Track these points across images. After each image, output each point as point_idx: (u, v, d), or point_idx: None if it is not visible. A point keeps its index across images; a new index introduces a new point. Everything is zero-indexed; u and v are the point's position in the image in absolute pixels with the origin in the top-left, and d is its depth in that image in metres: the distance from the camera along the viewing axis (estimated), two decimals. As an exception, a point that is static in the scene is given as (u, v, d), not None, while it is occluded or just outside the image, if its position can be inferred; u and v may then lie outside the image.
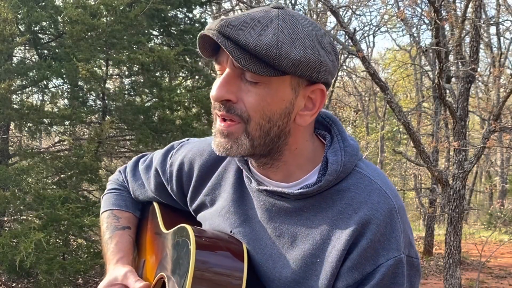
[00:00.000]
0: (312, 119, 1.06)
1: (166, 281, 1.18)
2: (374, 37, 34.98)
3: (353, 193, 1.06)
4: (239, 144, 1.04)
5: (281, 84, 1.01)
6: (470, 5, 6.35)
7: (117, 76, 7.61)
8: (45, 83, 6.71)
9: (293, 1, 12.92)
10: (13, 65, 6.49)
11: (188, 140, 1.36)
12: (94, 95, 6.72)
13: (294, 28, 0.99)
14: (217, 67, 1.05)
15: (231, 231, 1.17)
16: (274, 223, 1.11)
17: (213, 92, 1.03)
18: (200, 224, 1.26)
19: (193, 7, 7.72)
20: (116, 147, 7.02)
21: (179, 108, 6.86)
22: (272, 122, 1.03)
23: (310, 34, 1.01)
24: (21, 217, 6.10)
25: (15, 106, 6.23)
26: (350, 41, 6.48)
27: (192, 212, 1.30)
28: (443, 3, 6.31)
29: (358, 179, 1.08)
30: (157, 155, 1.37)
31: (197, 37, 1.03)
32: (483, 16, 8.83)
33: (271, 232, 1.11)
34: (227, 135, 1.04)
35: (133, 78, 7.18)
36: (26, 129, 6.39)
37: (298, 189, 1.08)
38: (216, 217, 1.21)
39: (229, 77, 1.02)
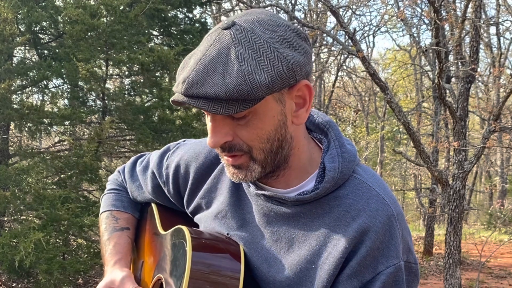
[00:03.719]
0: (308, 113, 1.06)
1: (164, 282, 1.18)
2: (374, 37, 35.04)
3: (351, 200, 1.06)
4: (251, 171, 1.05)
5: (266, 105, 1.00)
6: (470, 5, 6.35)
7: (117, 76, 7.61)
8: (45, 83, 6.71)
9: (293, 1, 12.92)
10: (13, 65, 6.50)
11: (184, 141, 1.35)
12: (94, 95, 6.73)
13: (253, 46, 0.96)
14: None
15: (227, 234, 1.17)
16: (272, 228, 1.11)
17: (210, 141, 1.03)
18: (197, 225, 1.26)
19: (193, 7, 7.72)
20: (116, 147, 7.02)
21: (179, 108, 6.86)
22: (271, 140, 1.03)
23: (270, 41, 0.97)
24: (21, 217, 6.10)
25: (15, 106, 6.23)
26: (350, 41, 6.48)
27: (189, 214, 1.30)
28: (443, 3, 6.31)
29: (356, 185, 1.07)
30: (153, 156, 1.37)
31: (170, 101, 1.02)
32: (483, 16, 8.83)
33: (269, 237, 1.11)
34: (238, 167, 1.06)
35: (133, 78, 7.18)
36: (26, 129, 6.39)
37: (295, 195, 1.08)
38: (212, 220, 1.21)
39: (217, 122, 1.02)
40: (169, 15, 7.36)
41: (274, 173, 1.08)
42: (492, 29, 14.83)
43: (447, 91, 8.10)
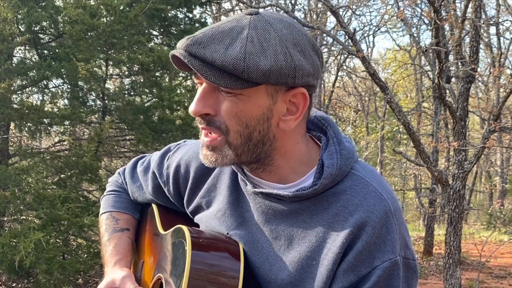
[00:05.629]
0: (296, 123, 1.06)
1: (164, 282, 1.18)
2: (374, 37, 35.07)
3: (349, 196, 1.06)
4: (223, 155, 1.05)
5: (256, 92, 1.00)
6: (470, 5, 6.35)
7: (117, 76, 7.61)
8: (45, 83, 6.71)
9: (293, 1, 12.92)
10: (13, 65, 6.49)
11: (185, 142, 1.36)
12: (94, 95, 6.73)
13: (266, 35, 0.98)
14: (195, 80, 1.05)
15: (227, 233, 1.17)
16: (270, 226, 1.11)
17: (191, 107, 1.03)
18: (197, 225, 1.26)
19: (193, 7, 7.72)
20: (116, 147, 7.01)
21: (179, 108, 6.86)
22: (251, 128, 1.03)
23: (284, 38, 0.99)
24: (21, 217, 6.10)
25: (15, 106, 6.23)
26: (350, 41, 6.48)
27: (189, 214, 1.31)
28: (443, 3, 6.31)
29: (354, 181, 1.07)
30: (154, 157, 1.37)
31: (169, 56, 1.03)
32: (483, 16, 8.84)
33: (268, 235, 1.12)
34: (212, 149, 1.06)
35: (133, 78, 7.18)
36: (26, 129, 6.39)
37: (293, 192, 1.08)
38: (212, 220, 1.21)
39: (205, 91, 1.03)
40: (169, 15, 7.35)
41: (257, 165, 1.09)
42: (492, 29, 14.84)
43: (447, 91, 8.10)
